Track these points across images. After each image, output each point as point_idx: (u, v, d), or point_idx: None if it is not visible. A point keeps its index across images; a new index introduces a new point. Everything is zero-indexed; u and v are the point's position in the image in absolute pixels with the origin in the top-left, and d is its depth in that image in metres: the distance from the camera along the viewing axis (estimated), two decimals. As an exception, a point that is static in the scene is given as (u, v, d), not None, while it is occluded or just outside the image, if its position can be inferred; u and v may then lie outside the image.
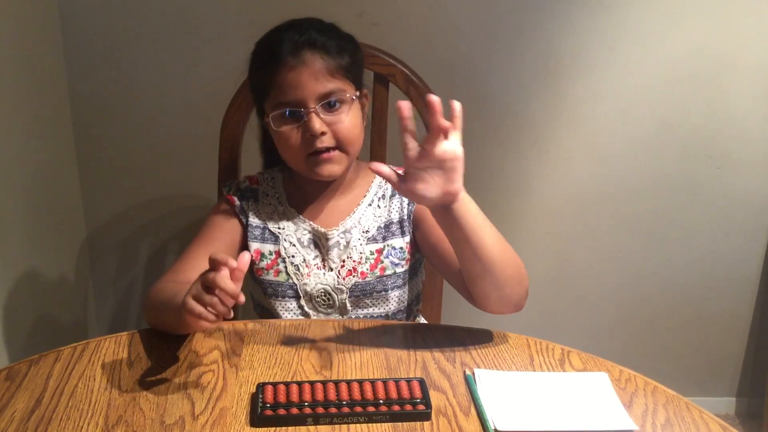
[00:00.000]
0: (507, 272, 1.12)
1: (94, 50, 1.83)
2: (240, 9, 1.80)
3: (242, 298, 0.96)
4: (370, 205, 1.33)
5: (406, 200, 1.32)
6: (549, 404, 1.03)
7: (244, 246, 1.32)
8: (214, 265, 0.97)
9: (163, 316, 1.16)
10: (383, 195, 1.34)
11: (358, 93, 1.27)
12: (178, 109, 1.89)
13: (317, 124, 1.21)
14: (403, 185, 1.05)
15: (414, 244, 1.33)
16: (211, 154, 1.58)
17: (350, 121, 1.24)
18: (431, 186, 1.04)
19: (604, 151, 1.97)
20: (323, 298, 1.30)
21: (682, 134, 1.95)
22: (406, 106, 0.99)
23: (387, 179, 1.05)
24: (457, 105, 1.02)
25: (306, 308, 1.31)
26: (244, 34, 1.80)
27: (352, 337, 1.17)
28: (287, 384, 1.03)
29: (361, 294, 1.30)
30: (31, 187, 1.68)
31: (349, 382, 1.03)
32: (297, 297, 1.31)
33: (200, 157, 1.85)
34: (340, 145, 1.24)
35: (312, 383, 1.03)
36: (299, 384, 1.03)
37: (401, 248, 1.31)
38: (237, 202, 1.33)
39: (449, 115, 1.03)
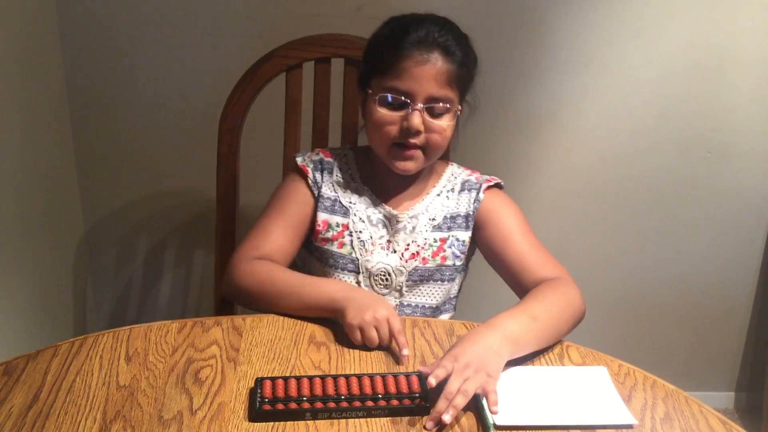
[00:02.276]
0: (568, 328, 1.19)
1: (92, 45, 1.82)
2: (238, 4, 1.79)
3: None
4: (438, 195, 1.36)
5: (473, 196, 1.34)
6: (548, 398, 1.03)
7: (314, 215, 1.33)
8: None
9: (279, 301, 1.21)
10: (452, 188, 1.37)
11: (460, 107, 1.28)
12: (176, 104, 1.88)
13: (418, 121, 1.22)
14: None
15: (473, 241, 1.36)
16: (209, 148, 1.57)
17: (448, 130, 1.26)
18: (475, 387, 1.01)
19: (603, 145, 1.96)
20: (382, 277, 1.32)
21: (681, 128, 1.94)
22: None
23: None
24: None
25: (363, 285, 1.32)
26: (241, 29, 1.81)
27: (350, 332, 1.17)
28: (286, 379, 1.02)
29: (419, 279, 1.32)
30: (29, 184, 1.68)
31: (347, 377, 1.03)
32: (357, 272, 1.32)
33: (199, 152, 1.85)
34: (427, 147, 1.26)
35: (310, 378, 1.03)
36: (298, 379, 1.02)
37: (463, 241, 1.34)
38: (310, 173, 1.34)
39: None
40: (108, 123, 1.90)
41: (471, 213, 1.34)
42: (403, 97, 1.23)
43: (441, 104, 1.23)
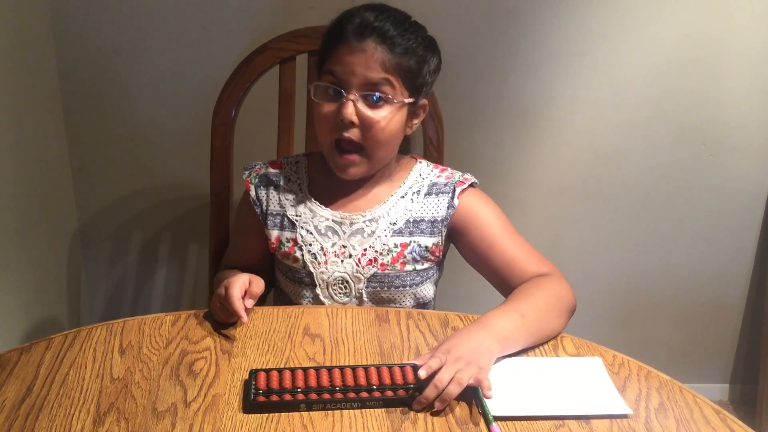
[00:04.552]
0: (560, 324, 1.17)
1: (84, 39, 1.81)
2: (231, -4, 1.79)
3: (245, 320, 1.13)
4: (402, 197, 1.30)
5: (444, 202, 1.29)
6: (543, 389, 1.03)
7: (264, 230, 1.32)
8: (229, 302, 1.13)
9: None
10: (418, 191, 1.30)
11: (410, 100, 1.22)
12: (169, 97, 1.87)
13: (349, 111, 1.17)
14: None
15: (445, 247, 1.32)
16: (203, 142, 1.57)
17: (386, 123, 1.19)
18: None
19: (597, 138, 1.96)
20: (340, 286, 1.29)
21: (675, 121, 1.94)
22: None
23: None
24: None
25: (321, 297, 1.29)
26: (234, 21, 1.80)
27: (345, 324, 1.17)
28: (280, 370, 1.02)
29: (378, 286, 1.29)
30: (22, 179, 1.67)
31: (342, 368, 1.03)
32: (313, 285, 1.29)
33: (192, 146, 1.84)
34: (365, 144, 1.21)
35: (305, 369, 1.03)
36: (292, 370, 1.02)
37: (426, 247, 1.28)
38: (252, 191, 1.33)
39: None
40: (101, 117, 1.89)
41: (440, 219, 1.28)
42: (336, 87, 1.18)
43: (377, 92, 1.17)
